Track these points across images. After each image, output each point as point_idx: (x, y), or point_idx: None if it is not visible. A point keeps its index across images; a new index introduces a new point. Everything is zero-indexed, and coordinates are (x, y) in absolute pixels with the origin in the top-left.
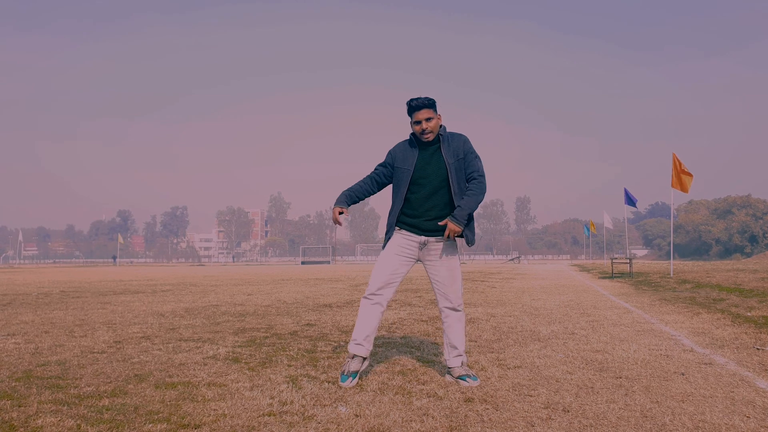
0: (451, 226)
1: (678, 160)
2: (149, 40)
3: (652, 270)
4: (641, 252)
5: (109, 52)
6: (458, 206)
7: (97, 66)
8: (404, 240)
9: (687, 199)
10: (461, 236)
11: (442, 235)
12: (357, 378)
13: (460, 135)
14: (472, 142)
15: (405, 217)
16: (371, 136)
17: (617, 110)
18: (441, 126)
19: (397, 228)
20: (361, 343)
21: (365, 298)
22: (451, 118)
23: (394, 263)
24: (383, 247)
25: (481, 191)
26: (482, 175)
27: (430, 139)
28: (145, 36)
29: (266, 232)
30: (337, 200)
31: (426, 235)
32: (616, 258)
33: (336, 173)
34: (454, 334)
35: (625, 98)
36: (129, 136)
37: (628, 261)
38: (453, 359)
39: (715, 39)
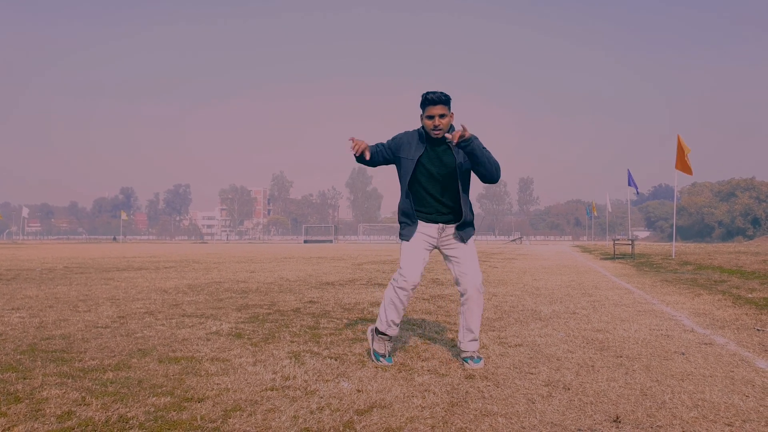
0: (465, 131)
1: (682, 143)
2: (160, 24)
3: (653, 252)
4: (643, 234)
5: (120, 36)
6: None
7: (107, 48)
8: (426, 228)
9: (690, 182)
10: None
11: (456, 223)
12: (391, 361)
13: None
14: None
15: (421, 213)
16: (372, 122)
17: (620, 92)
18: (451, 125)
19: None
20: (398, 324)
21: (401, 288)
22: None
23: (423, 255)
24: (403, 236)
25: (496, 164)
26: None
27: (439, 136)
28: (156, 21)
29: (269, 211)
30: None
31: (444, 223)
32: (618, 239)
33: (338, 157)
34: (472, 317)
35: (630, 81)
36: (134, 115)
37: (630, 242)
38: (468, 343)
39: (718, 22)
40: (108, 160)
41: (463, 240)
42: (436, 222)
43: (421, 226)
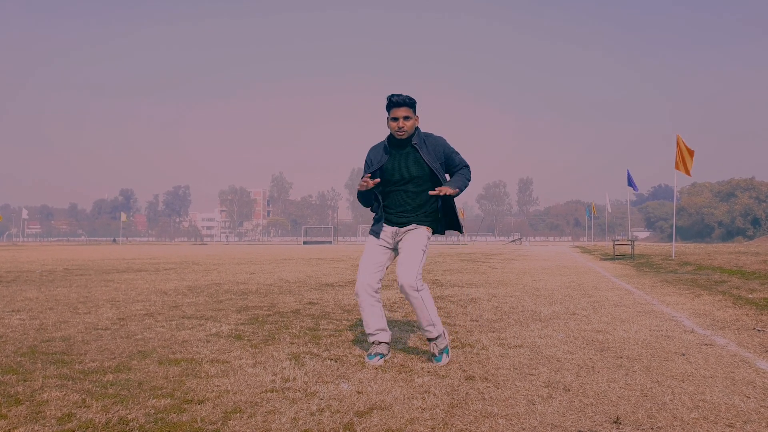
0: (445, 189)
1: (682, 142)
2: (160, 24)
3: (653, 252)
4: (643, 234)
5: (120, 35)
6: (454, 178)
7: (107, 48)
8: (381, 232)
9: (690, 182)
10: (458, 228)
11: (410, 228)
12: (383, 359)
13: (438, 137)
14: (449, 141)
15: (390, 214)
16: (371, 123)
17: (620, 92)
18: (416, 128)
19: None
20: (376, 334)
21: (356, 294)
22: (450, 107)
23: (374, 254)
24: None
25: (469, 177)
26: (468, 166)
27: (403, 137)
28: (156, 20)
29: (268, 212)
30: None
31: (397, 227)
32: (618, 240)
33: (337, 158)
34: (416, 314)
35: (630, 81)
36: (133, 116)
37: (629, 243)
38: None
39: (719, 23)
40: (107, 162)
41: (412, 235)
42: (392, 224)
43: (381, 228)
